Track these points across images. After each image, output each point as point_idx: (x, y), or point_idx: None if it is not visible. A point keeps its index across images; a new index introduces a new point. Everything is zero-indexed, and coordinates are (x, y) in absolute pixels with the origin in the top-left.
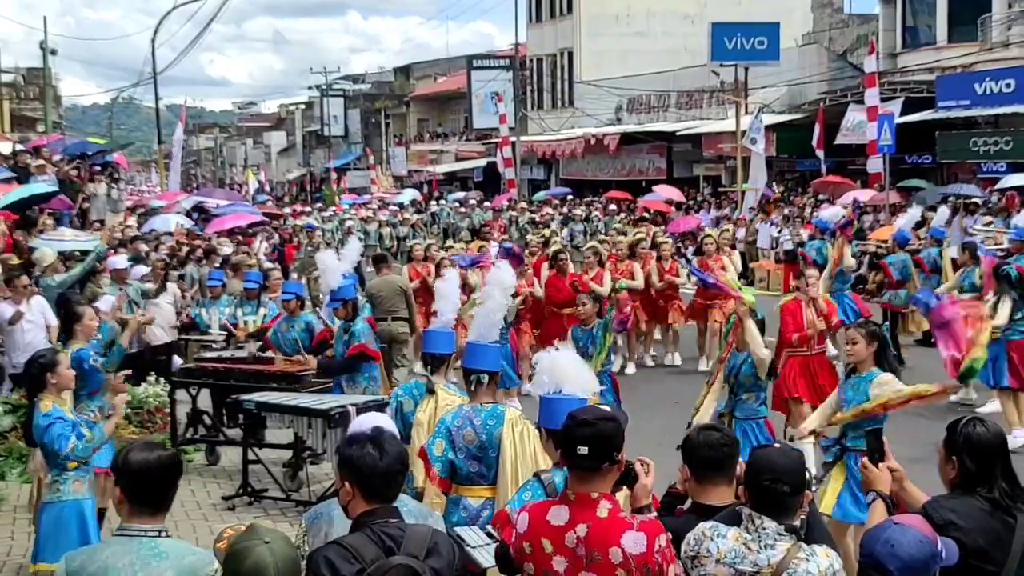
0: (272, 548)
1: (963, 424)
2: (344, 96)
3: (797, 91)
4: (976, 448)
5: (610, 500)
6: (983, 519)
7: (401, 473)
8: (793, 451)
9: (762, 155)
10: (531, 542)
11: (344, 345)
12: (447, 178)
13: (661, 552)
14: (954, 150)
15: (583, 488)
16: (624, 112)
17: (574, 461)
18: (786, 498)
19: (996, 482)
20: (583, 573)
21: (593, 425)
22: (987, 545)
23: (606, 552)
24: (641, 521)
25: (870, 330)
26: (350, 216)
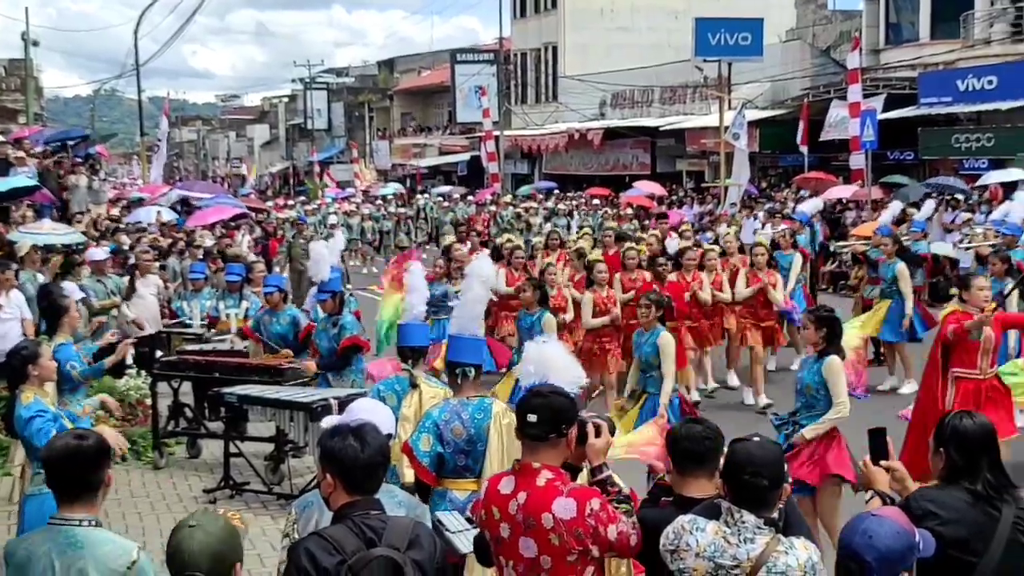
0: (194, 534)
1: (951, 417)
2: (328, 89)
3: (780, 87)
4: (962, 441)
5: (552, 471)
6: (965, 510)
7: (383, 465)
8: (771, 444)
9: (745, 151)
10: (485, 510)
11: (329, 339)
12: (431, 172)
13: (594, 515)
14: (936, 146)
15: (529, 458)
16: (608, 107)
17: (524, 429)
18: (765, 492)
19: (981, 474)
20: (522, 538)
21: (546, 396)
22: (968, 536)
23: (540, 518)
24: (572, 488)
25: (819, 316)
26: (333, 210)
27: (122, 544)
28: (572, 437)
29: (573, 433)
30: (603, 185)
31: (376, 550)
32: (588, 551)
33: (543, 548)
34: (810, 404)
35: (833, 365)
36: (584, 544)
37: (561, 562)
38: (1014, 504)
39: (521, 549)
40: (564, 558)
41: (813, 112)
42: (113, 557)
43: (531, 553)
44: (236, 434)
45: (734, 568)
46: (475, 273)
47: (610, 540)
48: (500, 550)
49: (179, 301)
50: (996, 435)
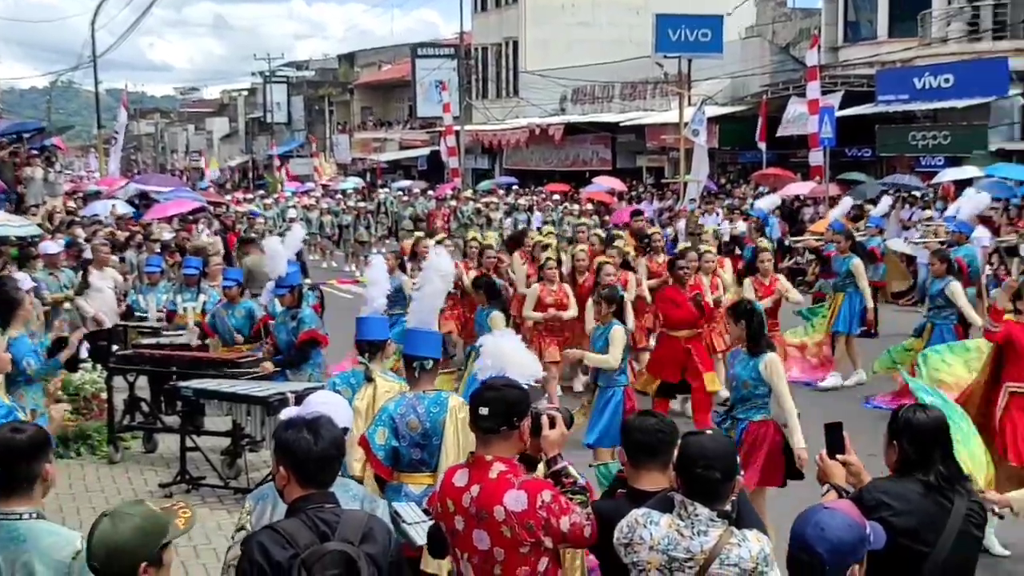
0: (101, 523)
1: (904, 410)
2: (287, 83)
3: (740, 83)
4: (915, 433)
5: (505, 463)
6: (917, 501)
7: (337, 458)
8: (724, 437)
9: (705, 147)
10: (441, 503)
11: (288, 332)
12: (391, 166)
13: (545, 507)
14: (893, 143)
15: (482, 451)
16: (568, 102)
17: (476, 422)
18: (718, 485)
19: (934, 466)
20: (476, 531)
21: (498, 390)
22: (919, 526)
23: (492, 510)
24: (524, 481)
25: (737, 311)
26: (293, 204)
27: (66, 535)
28: (525, 428)
29: (526, 424)
30: (563, 180)
31: (329, 544)
32: (541, 543)
33: (496, 540)
34: (745, 398)
35: (772, 365)
36: (536, 536)
37: (514, 554)
38: (966, 496)
39: (475, 541)
40: (517, 550)
41: (772, 109)
42: (57, 548)
43: (485, 545)
44: (192, 428)
45: (688, 561)
46: (433, 267)
47: (563, 531)
48: (455, 542)
49: (135, 295)
50: (949, 428)
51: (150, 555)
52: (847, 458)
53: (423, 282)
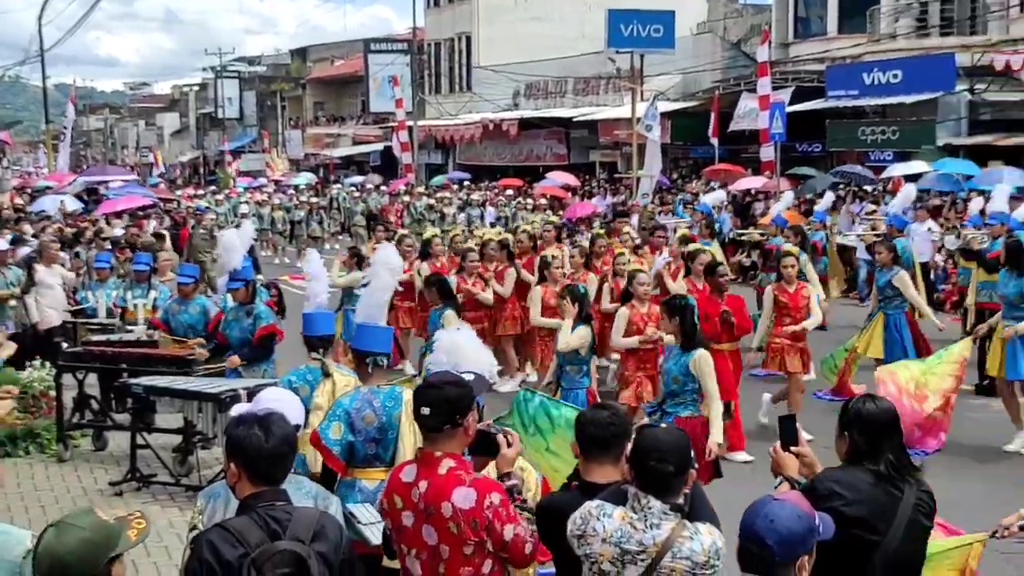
0: (47, 537)
1: (855, 401)
2: (239, 78)
3: (692, 79)
4: (865, 424)
5: (455, 459)
6: (868, 491)
7: (289, 455)
8: (678, 431)
9: (657, 142)
10: (388, 499)
11: (242, 329)
12: (344, 162)
13: (492, 509)
14: (843, 139)
15: (430, 447)
16: (522, 97)
17: (419, 421)
18: (671, 478)
19: (884, 456)
20: (424, 527)
21: (439, 388)
22: (870, 515)
23: (439, 506)
24: (475, 479)
25: (670, 305)
26: (245, 200)
27: (16, 534)
28: (471, 424)
29: (472, 419)
30: (517, 176)
31: (280, 543)
32: (484, 543)
33: (442, 537)
34: (675, 393)
35: (702, 361)
36: (480, 535)
37: (458, 552)
38: (916, 485)
39: (424, 537)
40: (461, 548)
41: (724, 104)
42: (8, 548)
43: (432, 541)
44: (143, 426)
45: (640, 553)
46: (382, 262)
47: (505, 539)
48: (402, 538)
49: (84, 292)
50: (899, 418)
51: (96, 569)
52: (800, 450)
53: (372, 277)
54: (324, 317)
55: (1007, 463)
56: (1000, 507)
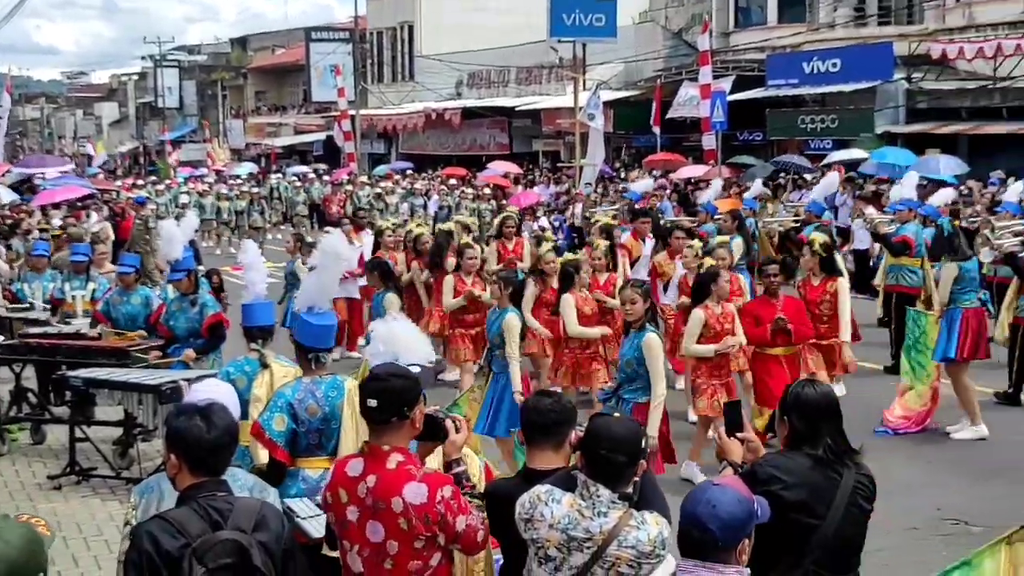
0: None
1: (794, 386)
2: (179, 67)
3: (634, 68)
4: (803, 408)
5: (402, 453)
6: (807, 474)
7: (230, 446)
8: (631, 421)
9: (600, 131)
10: (331, 492)
11: (188, 319)
12: (286, 151)
13: (444, 502)
14: (783, 127)
15: (377, 441)
16: (464, 87)
17: (366, 414)
18: (622, 467)
19: (822, 440)
20: (371, 522)
21: (384, 380)
22: (808, 499)
23: (389, 502)
24: (425, 473)
25: (646, 289)
26: (186, 190)
27: None
28: (418, 416)
29: (419, 412)
30: (461, 165)
31: (221, 533)
32: (436, 537)
33: (391, 533)
34: (631, 378)
35: (650, 344)
36: (432, 530)
37: (408, 547)
38: (855, 469)
39: (368, 533)
40: (411, 543)
41: (666, 93)
42: None
43: (378, 537)
44: (82, 418)
45: (586, 541)
46: (327, 249)
47: (457, 531)
48: (346, 533)
49: (19, 283)
50: (838, 403)
51: (44, 568)
52: (745, 435)
53: (317, 266)
54: (263, 307)
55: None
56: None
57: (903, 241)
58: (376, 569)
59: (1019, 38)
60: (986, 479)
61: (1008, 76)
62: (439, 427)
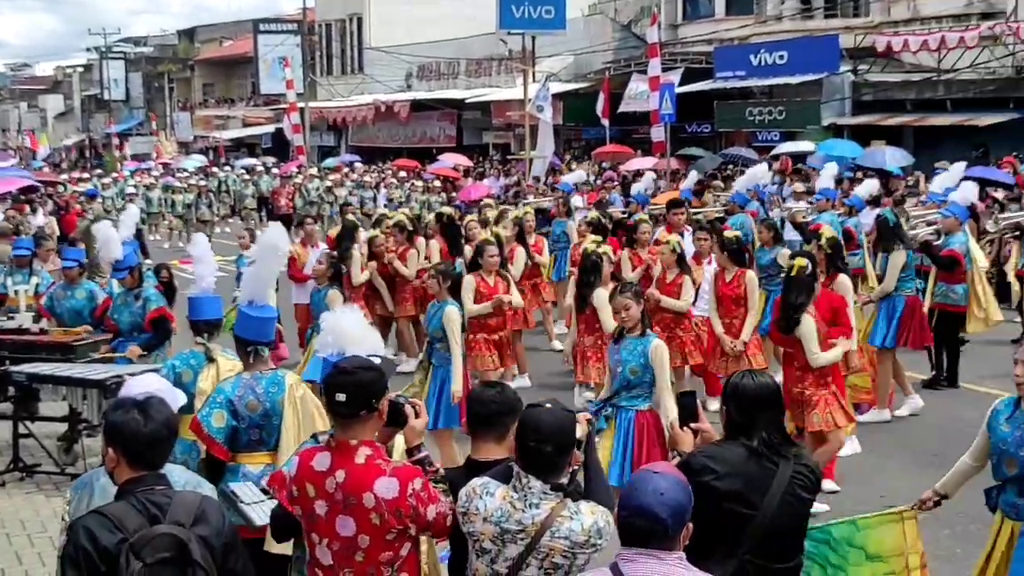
0: None
1: (734, 376)
2: (125, 59)
3: (583, 60)
4: (740, 399)
5: (370, 447)
6: (740, 464)
7: (168, 439)
8: (562, 411)
9: (549, 123)
10: (298, 486)
11: (132, 313)
12: (234, 144)
13: (415, 495)
14: (731, 119)
15: (344, 435)
16: (414, 79)
17: (334, 408)
18: (551, 458)
19: (757, 431)
20: (340, 517)
21: (352, 373)
22: (743, 489)
23: (360, 497)
24: (395, 467)
25: (636, 291)
26: (133, 183)
27: None
28: (384, 409)
29: (384, 404)
30: (411, 157)
31: (159, 527)
32: (407, 529)
33: (362, 527)
34: (631, 385)
35: (661, 350)
36: (404, 523)
37: (380, 540)
38: (792, 460)
39: (338, 527)
40: (383, 537)
41: (615, 85)
42: None
43: (349, 532)
44: (26, 414)
45: (519, 532)
46: (267, 242)
47: (428, 520)
48: (314, 527)
49: None
50: (778, 394)
51: None
52: (699, 425)
53: (256, 259)
54: (210, 301)
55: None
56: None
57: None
58: (347, 561)
59: (962, 31)
60: (928, 464)
61: (952, 68)
62: (399, 413)
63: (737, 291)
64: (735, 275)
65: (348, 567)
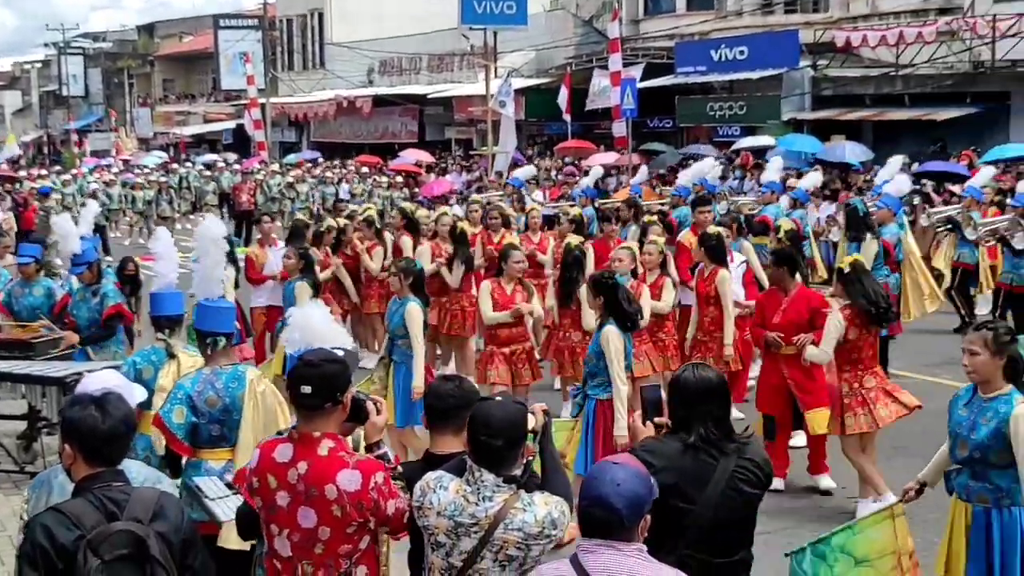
0: None
1: (680, 368)
2: (84, 55)
3: (545, 56)
4: (681, 392)
5: (333, 439)
6: (677, 458)
7: (126, 435)
8: (513, 404)
9: (511, 118)
10: (259, 478)
11: (90, 309)
12: (195, 140)
13: (377, 489)
14: (692, 114)
15: (307, 427)
16: (376, 74)
17: (299, 400)
18: (501, 452)
19: (696, 425)
20: (302, 508)
21: (317, 366)
22: (680, 482)
23: (323, 489)
24: (358, 460)
25: (597, 282)
26: (93, 180)
27: None
28: (347, 401)
29: (348, 397)
30: (373, 153)
31: (117, 524)
32: (368, 522)
33: (323, 519)
34: (593, 373)
35: (608, 337)
36: (364, 516)
37: (340, 532)
38: (735, 455)
39: (299, 519)
40: (344, 529)
41: (576, 81)
42: None
43: (310, 523)
44: None
45: (472, 526)
46: (205, 236)
47: (388, 514)
48: (274, 519)
49: None
50: (720, 389)
51: None
52: (662, 420)
53: (199, 253)
54: (171, 297)
55: None
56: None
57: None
58: (306, 553)
59: (920, 26)
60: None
61: (910, 63)
62: (361, 409)
63: (709, 289)
64: (710, 272)
65: (307, 559)
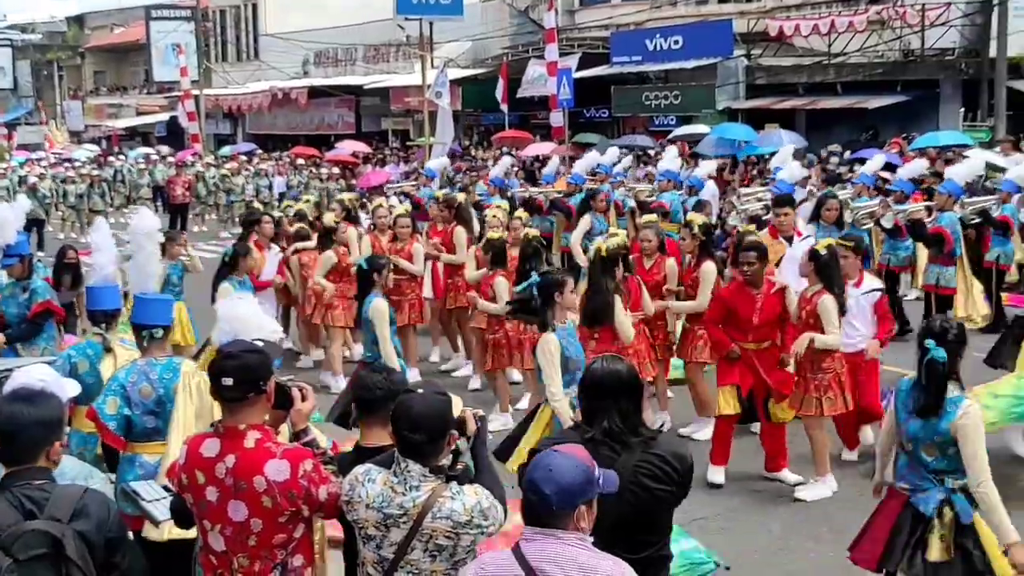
0: None
1: (593, 360)
2: (12, 46)
3: (481, 46)
4: (589, 385)
5: (259, 430)
6: None
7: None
8: (435, 397)
9: (448, 109)
10: (188, 474)
11: (19, 305)
12: (128, 133)
13: (307, 476)
14: (628, 104)
15: (232, 420)
16: (311, 65)
17: (221, 393)
18: (424, 445)
19: (599, 419)
20: (232, 502)
21: (237, 357)
22: None
23: (251, 481)
24: (285, 449)
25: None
26: (23, 173)
27: None
28: (271, 391)
29: (271, 386)
30: (309, 144)
31: (31, 523)
32: (300, 511)
33: (254, 511)
34: None
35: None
36: (296, 505)
37: (272, 523)
38: (639, 450)
39: (230, 512)
40: (275, 520)
41: (513, 71)
42: None
43: (241, 516)
44: None
45: (401, 517)
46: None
47: (320, 501)
48: (205, 514)
49: None
50: (629, 382)
51: None
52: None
53: (134, 248)
54: (108, 291)
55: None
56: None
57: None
58: (240, 546)
59: (851, 15)
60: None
61: (842, 52)
62: (286, 395)
63: (656, 277)
64: (654, 261)
65: (241, 552)
